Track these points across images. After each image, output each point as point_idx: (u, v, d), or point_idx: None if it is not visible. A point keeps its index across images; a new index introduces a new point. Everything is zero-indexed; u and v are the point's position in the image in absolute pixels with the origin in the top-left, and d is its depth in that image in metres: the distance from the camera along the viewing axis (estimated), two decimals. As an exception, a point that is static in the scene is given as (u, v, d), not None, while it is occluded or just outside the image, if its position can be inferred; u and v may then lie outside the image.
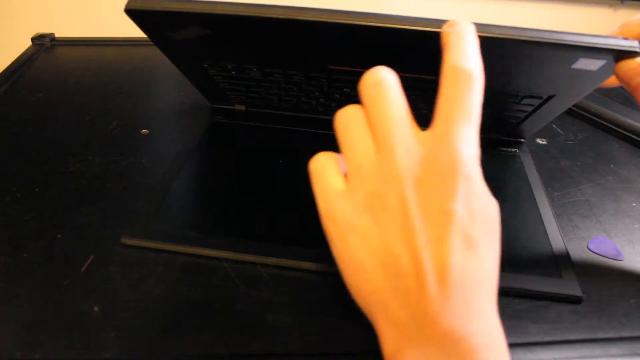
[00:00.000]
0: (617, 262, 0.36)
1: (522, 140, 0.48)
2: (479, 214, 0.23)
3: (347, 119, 0.26)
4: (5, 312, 0.29)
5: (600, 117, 0.54)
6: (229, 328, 0.29)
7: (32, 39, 0.69)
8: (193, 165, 0.42)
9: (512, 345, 0.29)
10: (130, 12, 0.32)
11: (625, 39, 0.29)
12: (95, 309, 0.30)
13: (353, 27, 0.31)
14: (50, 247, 0.34)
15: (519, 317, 0.31)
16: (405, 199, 0.23)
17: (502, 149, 0.47)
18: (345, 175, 0.26)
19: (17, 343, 0.27)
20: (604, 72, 0.32)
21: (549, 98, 0.39)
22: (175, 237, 0.34)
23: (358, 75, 0.40)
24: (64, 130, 0.47)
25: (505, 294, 0.32)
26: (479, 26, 0.29)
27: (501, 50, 0.32)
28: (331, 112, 0.49)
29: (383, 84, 0.25)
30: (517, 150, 0.47)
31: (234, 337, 0.29)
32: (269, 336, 0.29)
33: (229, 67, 0.42)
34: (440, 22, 0.29)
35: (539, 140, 0.50)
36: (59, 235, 0.35)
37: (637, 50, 0.29)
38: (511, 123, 0.46)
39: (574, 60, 0.31)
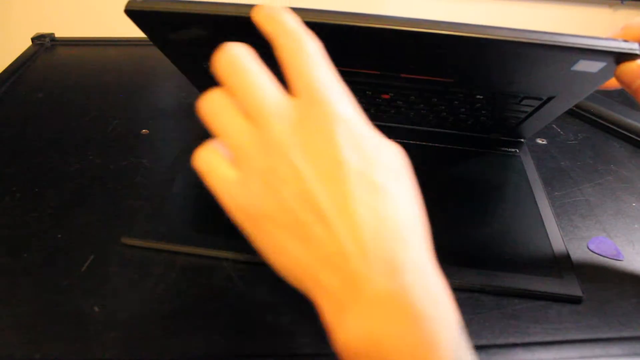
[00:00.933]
0: (617, 262, 0.36)
1: (522, 140, 0.48)
2: (376, 157, 0.22)
3: (211, 103, 0.25)
4: (5, 312, 0.29)
5: (600, 117, 0.54)
6: (229, 328, 0.29)
7: (32, 39, 0.69)
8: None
9: (512, 345, 0.29)
10: (130, 12, 0.32)
11: (626, 41, 0.29)
12: (95, 309, 0.30)
13: (348, 28, 0.30)
14: (50, 247, 0.34)
15: (519, 317, 0.31)
16: (293, 164, 0.22)
17: (502, 149, 0.47)
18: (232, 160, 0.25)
19: (17, 343, 0.27)
20: (604, 74, 0.32)
21: (549, 99, 0.39)
22: (175, 237, 0.34)
23: (355, 77, 0.40)
24: (64, 130, 0.47)
25: (505, 294, 0.32)
26: (480, 28, 0.29)
27: (502, 52, 0.32)
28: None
29: (237, 58, 0.24)
30: (517, 150, 0.47)
31: (234, 337, 0.29)
32: (269, 336, 0.29)
33: None
34: (433, 23, 0.29)
35: (539, 140, 0.50)
36: (59, 235, 0.35)
37: (637, 52, 0.29)
38: (511, 123, 0.46)
39: (574, 62, 0.31)
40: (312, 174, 0.22)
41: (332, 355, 0.28)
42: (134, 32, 0.35)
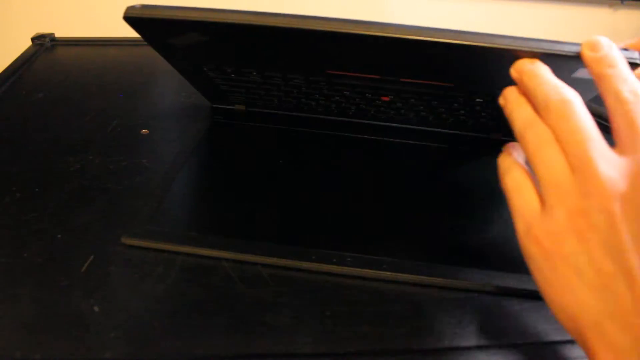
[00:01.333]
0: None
1: (522, 140, 0.48)
2: None
3: (536, 135, 0.25)
4: (5, 312, 0.29)
5: (600, 117, 0.54)
6: (229, 328, 0.29)
7: (32, 39, 0.69)
8: (193, 165, 0.42)
9: (512, 346, 0.29)
10: (129, 19, 0.32)
11: (626, 49, 0.28)
12: (95, 309, 0.30)
13: (349, 35, 0.30)
14: (50, 247, 0.34)
15: (519, 317, 0.31)
16: (612, 214, 0.22)
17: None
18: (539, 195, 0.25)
19: (17, 343, 0.27)
20: None
21: None
22: (175, 237, 0.34)
23: (355, 80, 0.41)
24: (64, 130, 0.47)
25: (505, 294, 0.32)
26: (481, 36, 0.29)
27: (502, 60, 0.32)
28: (331, 113, 0.49)
29: (571, 101, 0.24)
30: (517, 150, 0.47)
31: (234, 337, 0.29)
32: (269, 336, 0.29)
33: (229, 70, 0.42)
34: (439, 31, 0.29)
35: (539, 140, 0.50)
36: (59, 235, 0.35)
37: (637, 62, 0.28)
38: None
39: (574, 70, 0.31)
40: (628, 229, 0.21)
41: (332, 355, 0.28)
42: (133, 32, 0.35)
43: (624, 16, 0.96)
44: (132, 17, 0.32)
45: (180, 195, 0.39)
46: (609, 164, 0.23)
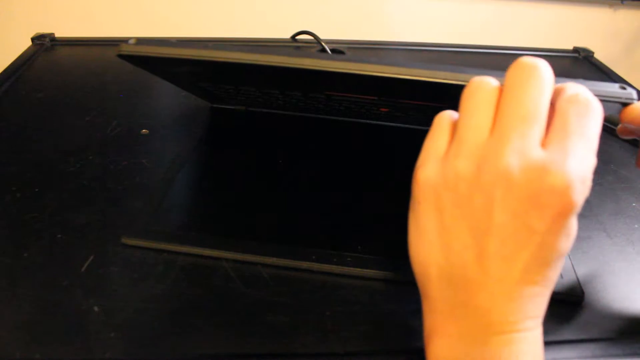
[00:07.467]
0: (618, 261, 0.36)
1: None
2: (558, 251, 0.22)
3: (479, 86, 0.24)
4: (5, 312, 0.29)
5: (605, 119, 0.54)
6: (229, 328, 0.29)
7: (32, 39, 0.69)
8: (193, 165, 0.42)
9: (512, 345, 0.29)
10: (122, 57, 0.32)
11: (624, 88, 0.27)
12: (95, 309, 0.30)
13: (340, 74, 0.29)
14: (50, 247, 0.34)
15: (519, 317, 0.31)
16: (492, 200, 0.21)
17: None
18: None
19: (17, 343, 0.27)
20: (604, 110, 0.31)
21: None
22: (175, 237, 0.34)
23: (354, 98, 0.40)
24: (64, 130, 0.47)
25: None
26: (467, 72, 0.28)
27: None
28: (332, 113, 0.49)
29: (539, 73, 0.22)
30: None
31: (234, 337, 0.29)
32: (269, 336, 0.29)
33: (227, 87, 0.42)
34: (429, 69, 0.28)
35: (539, 140, 0.50)
36: (59, 235, 0.35)
37: (635, 100, 0.27)
38: None
39: None
40: (500, 220, 0.21)
41: (332, 355, 0.28)
42: (134, 32, 0.35)
43: (624, 16, 0.96)
44: (125, 55, 0.32)
45: (180, 195, 0.39)
46: (520, 152, 0.21)
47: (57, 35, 0.71)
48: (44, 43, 0.69)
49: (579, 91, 0.23)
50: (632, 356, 0.29)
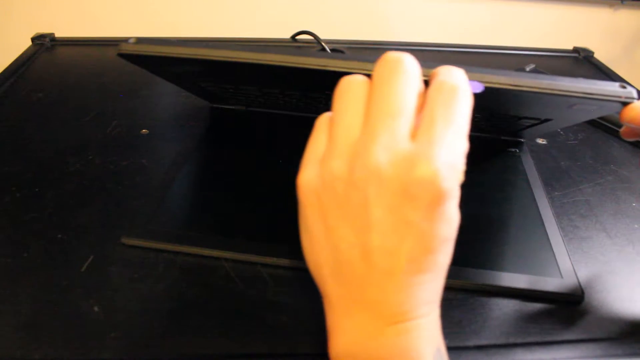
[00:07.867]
0: (618, 261, 0.36)
1: (522, 140, 0.48)
2: (439, 238, 0.22)
3: (348, 85, 0.24)
4: (5, 312, 0.29)
5: (600, 117, 0.54)
6: (229, 328, 0.29)
7: (32, 39, 0.69)
8: (193, 165, 0.42)
9: (512, 345, 0.29)
10: (122, 56, 0.32)
11: (624, 87, 0.27)
12: (95, 309, 0.30)
13: (342, 73, 0.29)
14: (50, 247, 0.34)
15: (519, 317, 0.31)
16: (367, 197, 0.21)
17: (502, 148, 0.47)
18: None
19: (17, 343, 0.27)
20: (603, 111, 0.32)
21: (547, 120, 0.39)
22: (175, 237, 0.34)
23: None
24: (64, 130, 0.47)
25: (505, 294, 0.32)
26: (473, 71, 0.28)
27: (499, 96, 0.31)
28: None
29: (403, 67, 0.23)
30: (517, 150, 0.47)
31: (234, 337, 0.29)
32: (269, 336, 0.29)
33: (227, 86, 0.42)
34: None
35: (539, 140, 0.50)
36: (59, 235, 0.35)
37: (635, 99, 0.27)
38: (510, 130, 0.46)
39: (572, 104, 0.31)
40: (379, 214, 0.22)
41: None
42: (133, 32, 0.35)
43: (624, 16, 0.96)
44: (125, 54, 0.32)
45: (180, 195, 0.39)
46: (389, 148, 0.21)
47: (57, 35, 0.71)
48: (44, 43, 0.69)
49: (446, 78, 0.23)
50: (632, 356, 0.29)
